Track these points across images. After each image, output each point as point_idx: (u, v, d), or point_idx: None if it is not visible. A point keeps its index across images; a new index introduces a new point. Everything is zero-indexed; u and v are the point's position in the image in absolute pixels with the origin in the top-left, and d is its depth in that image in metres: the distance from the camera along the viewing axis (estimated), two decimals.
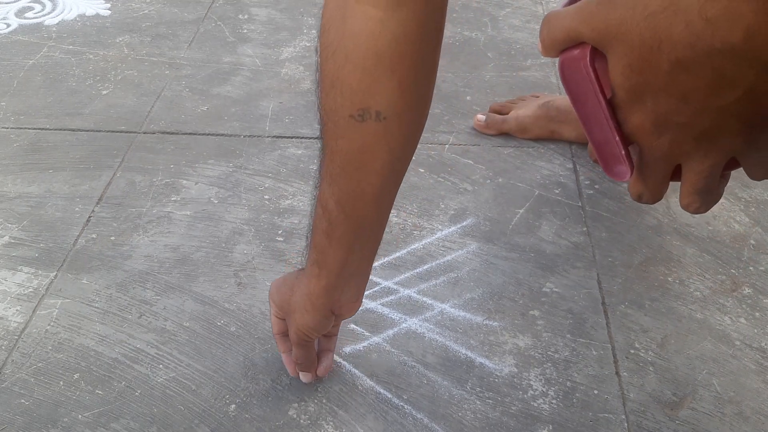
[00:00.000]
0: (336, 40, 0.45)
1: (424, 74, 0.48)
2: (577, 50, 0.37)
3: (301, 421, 0.70)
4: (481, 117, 1.08)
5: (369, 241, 0.58)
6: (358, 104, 0.46)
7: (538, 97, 1.10)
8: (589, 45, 0.36)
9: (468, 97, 1.16)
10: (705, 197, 0.39)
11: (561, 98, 1.06)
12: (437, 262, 0.87)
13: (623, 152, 0.38)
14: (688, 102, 0.34)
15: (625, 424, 0.70)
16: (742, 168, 0.39)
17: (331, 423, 0.70)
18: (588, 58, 0.37)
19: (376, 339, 0.78)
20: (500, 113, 1.09)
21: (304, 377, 0.71)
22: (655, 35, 0.32)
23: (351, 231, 0.56)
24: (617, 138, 0.38)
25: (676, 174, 0.40)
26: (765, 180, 0.40)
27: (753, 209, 0.95)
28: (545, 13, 1.48)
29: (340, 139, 0.49)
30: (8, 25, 1.36)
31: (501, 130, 1.07)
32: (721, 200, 0.99)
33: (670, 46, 0.32)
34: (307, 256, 0.61)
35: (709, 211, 0.93)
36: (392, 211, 0.93)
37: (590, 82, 0.37)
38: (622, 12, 0.33)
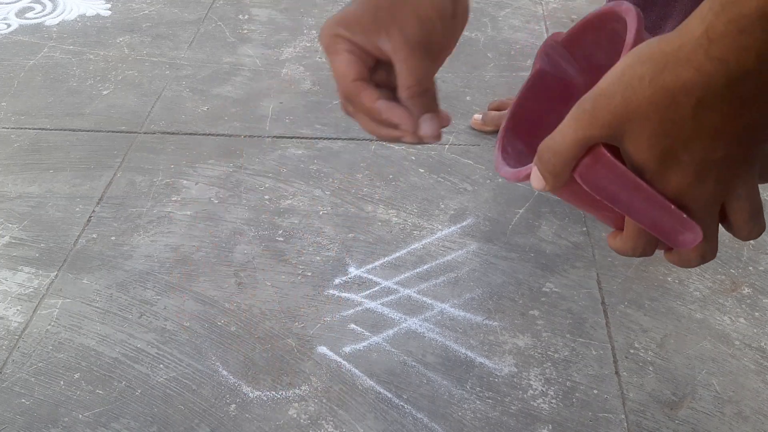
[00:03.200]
0: None
1: None
2: (588, 156, 0.37)
3: (301, 421, 0.70)
4: (477, 117, 1.09)
5: None
6: None
7: None
8: (597, 145, 0.36)
9: (468, 97, 1.16)
10: (759, 216, 0.39)
11: None
12: (437, 262, 0.87)
13: (685, 215, 0.37)
14: (721, 137, 0.35)
15: (625, 424, 0.70)
16: None
17: (331, 423, 0.70)
18: (606, 152, 0.36)
19: (376, 339, 0.78)
20: (498, 110, 1.10)
21: (428, 125, 0.50)
22: (667, 93, 0.34)
23: None
24: (674, 206, 0.37)
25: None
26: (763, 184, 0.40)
27: None
28: (545, 14, 1.48)
29: None
30: (9, 26, 1.36)
31: (498, 126, 1.08)
32: None
33: (685, 95, 0.33)
34: None
35: None
36: (392, 211, 0.94)
37: (622, 170, 0.36)
38: (623, 94, 0.35)
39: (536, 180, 0.40)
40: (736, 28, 0.31)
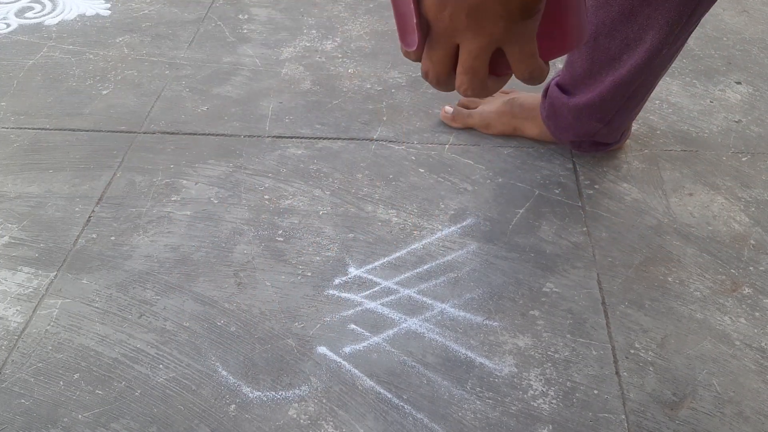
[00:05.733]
0: None
1: None
2: None
3: (301, 421, 0.70)
4: (448, 109, 1.09)
5: None
6: None
7: (507, 93, 1.10)
8: None
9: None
10: (473, 80, 0.44)
11: (525, 95, 1.06)
12: (437, 262, 0.87)
13: (416, 21, 0.42)
14: None
15: (625, 424, 0.70)
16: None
17: (331, 423, 0.70)
18: None
19: (376, 339, 0.78)
20: (468, 107, 1.10)
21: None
22: None
23: None
24: (413, 6, 0.42)
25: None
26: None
27: (753, 209, 0.95)
28: None
29: None
30: (8, 25, 1.36)
31: (466, 125, 1.08)
32: (721, 200, 1.00)
33: None
34: None
35: (709, 211, 0.93)
36: (392, 211, 0.93)
37: None
38: None
39: None
40: None
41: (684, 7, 0.80)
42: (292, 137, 1.07)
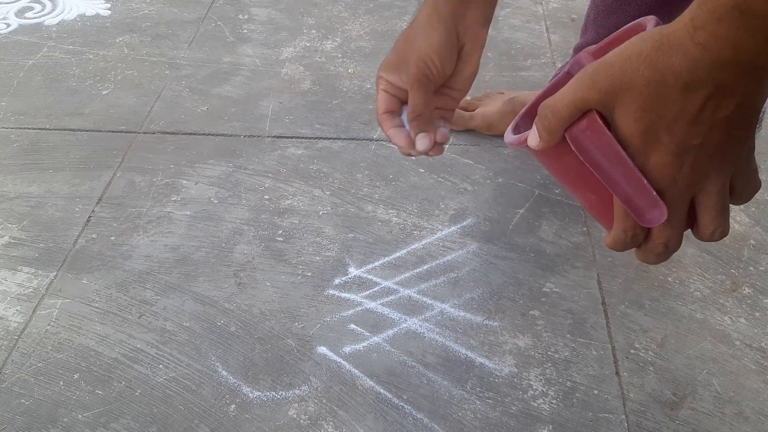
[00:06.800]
0: None
1: None
2: (584, 119, 0.39)
3: (301, 421, 0.70)
4: None
5: None
6: None
7: (503, 93, 1.10)
8: (592, 111, 0.39)
9: (468, 97, 1.16)
10: (726, 219, 0.41)
11: (525, 94, 1.05)
12: (437, 262, 0.87)
13: (654, 193, 0.39)
14: (700, 122, 0.37)
15: (625, 424, 0.70)
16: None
17: (331, 423, 0.70)
18: (599, 119, 0.39)
19: (376, 339, 0.78)
20: (467, 110, 1.09)
21: (421, 142, 0.60)
22: (657, 72, 0.36)
23: None
24: (646, 181, 0.39)
25: (689, 220, 0.42)
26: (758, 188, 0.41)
27: (753, 209, 0.95)
28: (545, 13, 1.48)
29: None
30: (8, 25, 1.36)
31: (467, 127, 1.08)
32: None
33: (673, 78, 0.36)
34: None
35: None
36: (392, 211, 0.93)
37: (608, 137, 0.39)
38: (620, 65, 0.37)
39: (533, 138, 0.42)
40: (715, 16, 0.33)
41: None
42: (292, 137, 1.08)
